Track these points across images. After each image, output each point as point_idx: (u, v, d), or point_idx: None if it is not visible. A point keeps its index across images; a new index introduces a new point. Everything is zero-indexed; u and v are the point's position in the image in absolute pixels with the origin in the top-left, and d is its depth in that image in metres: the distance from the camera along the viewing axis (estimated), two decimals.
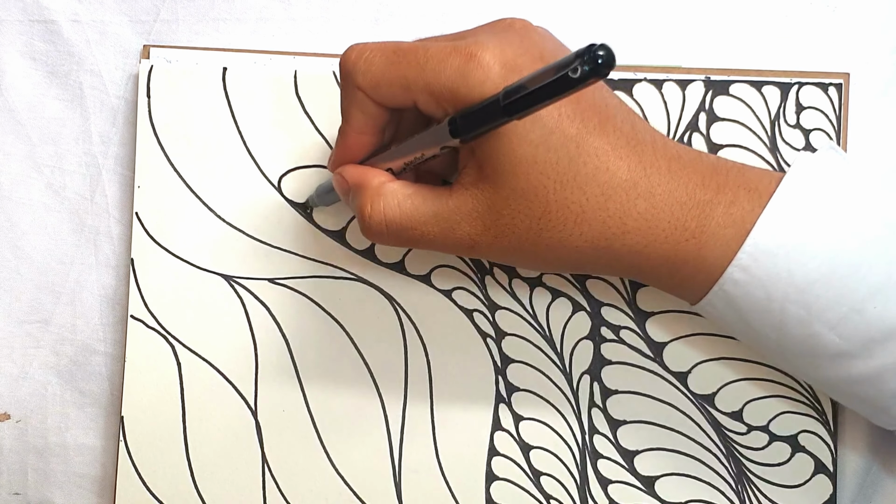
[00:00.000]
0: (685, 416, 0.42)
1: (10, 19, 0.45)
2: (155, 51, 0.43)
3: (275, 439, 0.43)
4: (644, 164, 0.34)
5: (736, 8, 0.44)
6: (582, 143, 0.33)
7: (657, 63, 0.43)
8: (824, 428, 0.42)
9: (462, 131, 0.31)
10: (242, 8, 0.44)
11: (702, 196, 0.34)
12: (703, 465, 0.42)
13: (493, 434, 0.43)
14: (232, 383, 0.43)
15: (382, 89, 0.34)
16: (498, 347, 0.43)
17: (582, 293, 0.43)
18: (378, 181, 0.35)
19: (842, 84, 0.42)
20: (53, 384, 0.44)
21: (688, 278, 0.35)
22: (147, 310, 0.43)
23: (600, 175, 0.33)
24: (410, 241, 0.35)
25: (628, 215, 0.33)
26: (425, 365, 0.43)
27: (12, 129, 0.45)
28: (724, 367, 0.42)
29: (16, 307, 0.45)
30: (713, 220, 0.34)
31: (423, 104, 0.33)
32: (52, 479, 0.44)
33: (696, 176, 0.34)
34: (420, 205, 0.34)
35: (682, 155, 0.35)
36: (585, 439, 0.43)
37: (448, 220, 0.34)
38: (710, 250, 0.34)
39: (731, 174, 0.34)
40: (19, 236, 0.44)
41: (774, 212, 0.33)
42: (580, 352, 0.43)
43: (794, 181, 0.34)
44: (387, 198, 0.35)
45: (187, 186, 0.43)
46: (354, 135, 0.36)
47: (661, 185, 0.34)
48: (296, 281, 0.43)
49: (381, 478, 0.43)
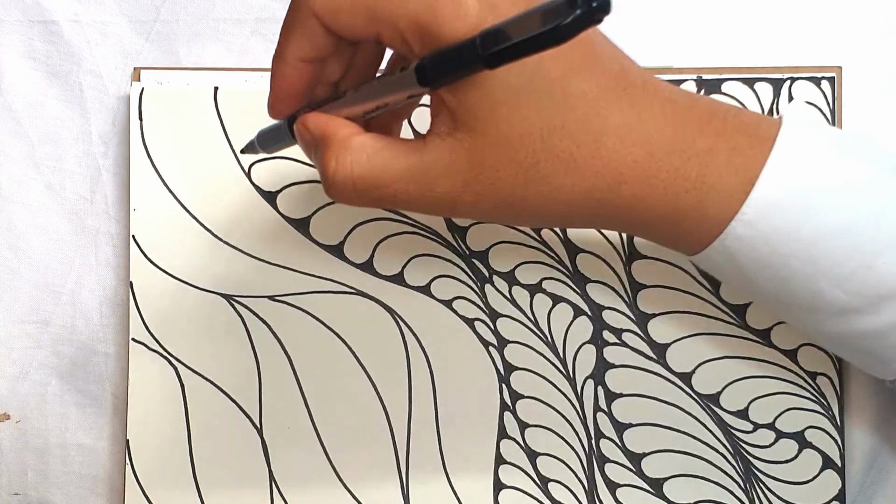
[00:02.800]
0: (691, 417, 0.42)
1: (10, 20, 0.45)
2: (145, 73, 0.43)
3: (281, 456, 0.43)
4: (637, 107, 0.30)
5: (728, 7, 0.44)
6: (568, 85, 0.29)
7: (649, 65, 0.43)
8: (831, 423, 0.42)
9: (431, 78, 0.28)
10: (243, 8, 0.45)
11: (701, 143, 0.31)
12: (710, 465, 0.42)
13: (499, 442, 0.43)
14: (236, 402, 0.43)
15: (342, 16, 0.30)
16: (500, 355, 0.43)
17: (582, 297, 0.43)
18: (345, 133, 0.31)
19: (834, 77, 0.42)
20: (53, 384, 0.45)
21: (687, 232, 0.32)
22: (148, 332, 0.43)
23: (590, 120, 0.30)
24: (381, 200, 0.31)
25: (623, 164, 0.30)
26: (428, 376, 0.43)
27: (12, 129, 0.45)
28: (728, 365, 0.42)
29: (16, 307, 0.45)
30: (715, 169, 0.31)
31: (388, 38, 0.30)
32: (52, 480, 0.45)
33: (694, 121, 0.31)
34: (391, 160, 0.31)
35: (676, 98, 0.32)
36: (592, 444, 0.43)
37: (424, 177, 0.30)
38: (712, 201, 0.31)
39: (728, 118, 0.32)
40: (19, 236, 0.45)
41: (780, 161, 0.31)
42: (583, 356, 0.43)
43: (794, 127, 0.32)
44: (354, 152, 0.31)
45: (183, 207, 0.43)
46: (295, 62, 0.32)
47: (657, 132, 0.31)
48: (295, 297, 0.43)
49: (389, 490, 0.43)
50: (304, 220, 0.43)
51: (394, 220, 0.43)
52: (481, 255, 0.43)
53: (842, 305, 0.32)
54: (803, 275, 0.32)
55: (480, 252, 0.43)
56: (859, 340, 0.34)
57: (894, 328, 0.33)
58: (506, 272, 0.43)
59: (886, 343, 0.33)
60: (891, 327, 0.33)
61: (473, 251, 0.43)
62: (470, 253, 0.43)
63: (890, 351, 0.34)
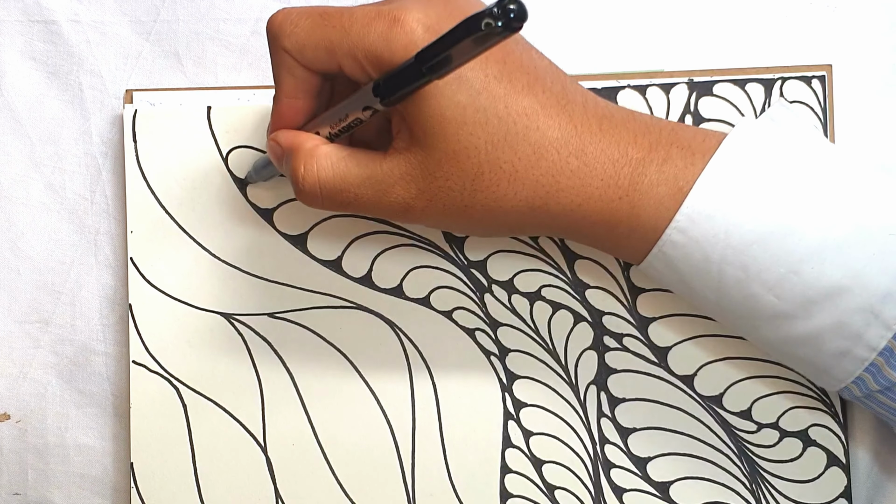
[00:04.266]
0: (694, 419, 0.42)
1: (10, 19, 0.45)
2: (138, 94, 0.43)
3: (286, 474, 0.43)
4: (575, 122, 0.34)
5: (718, 8, 0.44)
6: (511, 102, 0.33)
7: (639, 69, 0.43)
8: (834, 420, 0.42)
9: (385, 93, 0.32)
10: (243, 8, 0.45)
11: (634, 154, 0.34)
12: (716, 466, 0.42)
13: (504, 451, 0.43)
14: (239, 421, 0.43)
15: (308, 52, 0.34)
16: (502, 364, 0.43)
17: (582, 303, 0.43)
18: (312, 143, 0.35)
19: (825, 76, 0.42)
20: (53, 384, 0.44)
21: (624, 237, 0.35)
22: (149, 354, 0.43)
23: (531, 134, 0.33)
24: (343, 204, 0.35)
25: (561, 173, 0.34)
26: (431, 387, 0.43)
27: (12, 128, 0.45)
28: (730, 367, 0.42)
29: (16, 307, 0.45)
30: (646, 177, 0.34)
31: (349, 68, 0.33)
32: (52, 479, 0.44)
33: (628, 134, 0.34)
34: (353, 167, 0.34)
35: (613, 114, 0.35)
36: (597, 450, 0.43)
37: (381, 184, 0.34)
38: (643, 209, 0.34)
39: (663, 133, 0.35)
40: (19, 236, 0.45)
41: (712, 174, 0.33)
42: (585, 363, 0.43)
43: (732, 145, 0.34)
44: (320, 159, 0.35)
45: (180, 227, 0.43)
46: (287, 99, 0.36)
47: (592, 143, 0.34)
48: (295, 314, 0.43)
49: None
50: (302, 236, 0.43)
51: (391, 234, 0.43)
52: (480, 265, 0.43)
53: (775, 310, 0.34)
54: (736, 279, 0.34)
55: (479, 262, 0.43)
56: (798, 347, 0.35)
57: (827, 333, 0.34)
58: (505, 281, 0.43)
59: (822, 349, 0.35)
60: (824, 331, 0.34)
61: (472, 261, 0.43)
62: (468, 263, 0.43)
63: (828, 358, 0.35)
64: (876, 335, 0.34)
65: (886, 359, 0.34)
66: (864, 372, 0.34)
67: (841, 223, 0.33)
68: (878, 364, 0.34)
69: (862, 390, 0.35)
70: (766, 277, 0.34)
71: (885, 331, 0.33)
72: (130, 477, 0.43)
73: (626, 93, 0.42)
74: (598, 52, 0.44)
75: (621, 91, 0.42)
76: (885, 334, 0.33)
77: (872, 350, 0.34)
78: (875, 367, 0.34)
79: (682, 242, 0.34)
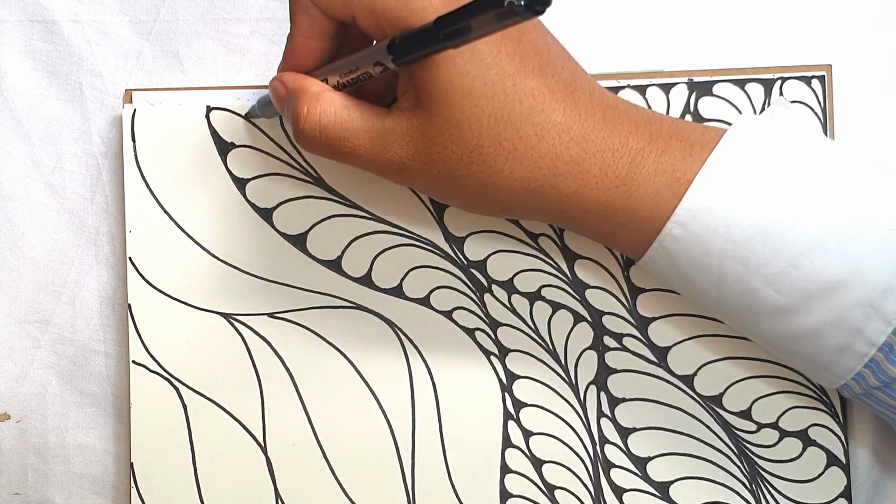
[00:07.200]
0: (694, 419, 0.42)
1: (11, 19, 0.45)
2: (138, 94, 0.43)
3: (286, 474, 0.43)
4: (579, 109, 0.34)
5: (718, 9, 0.44)
6: (519, 81, 0.33)
7: (639, 69, 0.43)
8: (834, 420, 0.42)
9: (398, 52, 0.32)
10: (243, 8, 0.45)
11: (634, 144, 0.34)
12: (715, 466, 0.42)
13: (503, 451, 0.43)
14: (239, 421, 0.43)
15: None
16: (502, 364, 0.43)
17: (582, 303, 0.43)
18: (317, 88, 0.35)
19: (824, 76, 0.42)
20: (53, 384, 0.44)
21: (620, 227, 0.35)
22: (148, 354, 0.43)
23: (535, 115, 0.33)
24: (341, 153, 0.35)
25: (560, 158, 0.34)
26: (431, 387, 0.43)
27: (12, 128, 0.45)
28: (729, 366, 0.42)
29: (16, 307, 0.45)
30: (643, 167, 0.34)
31: (363, 21, 0.34)
32: (52, 479, 0.44)
33: (630, 124, 0.34)
34: (356, 117, 0.35)
35: (618, 105, 0.35)
36: (597, 450, 0.43)
37: (381, 139, 0.34)
38: (640, 199, 0.34)
39: (664, 125, 0.35)
40: (19, 236, 0.45)
41: (713, 168, 0.34)
42: (584, 363, 0.43)
43: (733, 139, 0.34)
44: (324, 104, 0.35)
45: (179, 228, 0.43)
46: (301, 38, 0.36)
47: (594, 132, 0.34)
48: (295, 313, 0.43)
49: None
50: (301, 235, 0.43)
51: (391, 233, 0.43)
52: (479, 265, 0.43)
53: (775, 305, 0.34)
54: (736, 274, 0.34)
55: (478, 261, 0.43)
56: (798, 343, 0.35)
57: (827, 327, 0.34)
58: (504, 281, 0.43)
59: (822, 344, 0.35)
60: (824, 326, 0.34)
61: (471, 261, 0.43)
62: (468, 263, 0.43)
63: (827, 354, 0.35)
64: (876, 330, 0.34)
65: (886, 354, 0.34)
66: (864, 368, 0.35)
67: (841, 218, 0.33)
68: (878, 360, 0.34)
69: (861, 387, 0.35)
70: (766, 272, 0.34)
71: (884, 325, 0.33)
72: (130, 477, 0.43)
73: (626, 93, 0.42)
74: (598, 51, 0.44)
75: (621, 91, 0.42)
76: (885, 329, 0.34)
77: (872, 345, 0.34)
78: (875, 363, 0.34)
79: (683, 236, 0.34)
